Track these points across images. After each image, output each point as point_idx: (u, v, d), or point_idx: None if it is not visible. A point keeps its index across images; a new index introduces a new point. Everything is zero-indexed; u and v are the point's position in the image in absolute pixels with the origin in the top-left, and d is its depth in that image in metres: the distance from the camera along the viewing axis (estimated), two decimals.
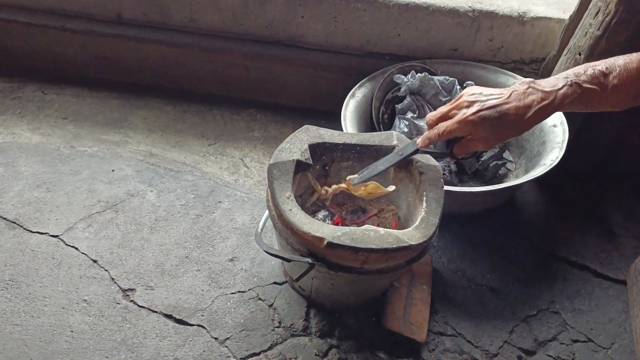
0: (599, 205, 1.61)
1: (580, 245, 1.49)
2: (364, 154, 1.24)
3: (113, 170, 1.57)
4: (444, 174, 1.57)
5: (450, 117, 0.96)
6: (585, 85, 0.86)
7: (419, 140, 1.07)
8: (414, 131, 1.57)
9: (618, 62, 0.87)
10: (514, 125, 0.90)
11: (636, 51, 0.88)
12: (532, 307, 1.34)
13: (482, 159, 1.60)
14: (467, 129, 0.92)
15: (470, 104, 0.92)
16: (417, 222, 1.08)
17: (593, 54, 1.41)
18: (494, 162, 1.59)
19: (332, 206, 1.28)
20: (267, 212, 1.18)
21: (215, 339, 1.20)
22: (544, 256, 1.46)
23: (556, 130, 1.48)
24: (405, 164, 1.20)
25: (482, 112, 0.90)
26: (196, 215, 1.47)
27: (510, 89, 0.92)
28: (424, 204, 1.12)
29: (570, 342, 1.28)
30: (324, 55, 1.79)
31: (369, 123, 1.63)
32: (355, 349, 1.21)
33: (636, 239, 1.51)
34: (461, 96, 0.96)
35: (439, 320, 1.30)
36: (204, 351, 1.17)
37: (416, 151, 1.10)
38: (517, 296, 1.36)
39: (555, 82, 0.89)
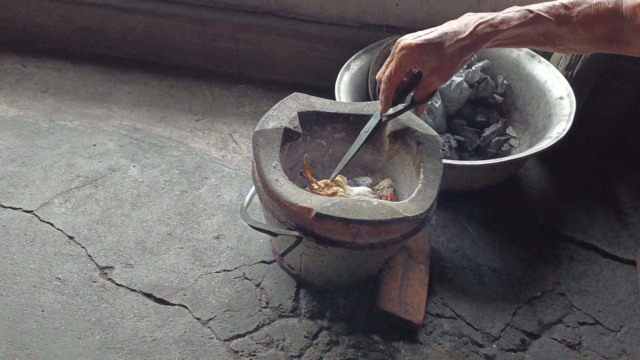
0: (607, 183, 1.53)
1: (587, 225, 1.41)
2: (358, 124, 1.16)
3: (94, 145, 1.49)
4: (443, 150, 1.49)
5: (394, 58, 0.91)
6: (538, 12, 0.82)
7: (379, 105, 1.00)
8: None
9: (589, 0, 0.81)
10: (455, 43, 0.85)
11: None
12: (537, 289, 1.27)
13: (484, 134, 1.52)
14: (412, 56, 0.87)
15: (409, 36, 0.88)
16: (414, 194, 1.00)
17: None
18: (497, 138, 1.51)
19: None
20: (254, 187, 1.10)
21: (198, 319, 1.12)
22: (549, 236, 1.38)
23: (563, 103, 1.40)
24: (402, 134, 1.12)
25: (421, 36, 0.86)
26: (181, 191, 1.39)
27: (450, 21, 0.89)
28: (421, 175, 1.04)
29: (577, 325, 1.21)
30: (318, 27, 1.70)
31: (364, 97, 1.54)
32: (347, 331, 1.13)
33: None
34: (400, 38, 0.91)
35: (437, 301, 1.22)
36: (185, 332, 1.09)
37: (380, 121, 1.03)
38: (521, 277, 1.29)
39: (505, 10, 0.86)
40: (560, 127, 1.33)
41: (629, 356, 1.16)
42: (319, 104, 1.15)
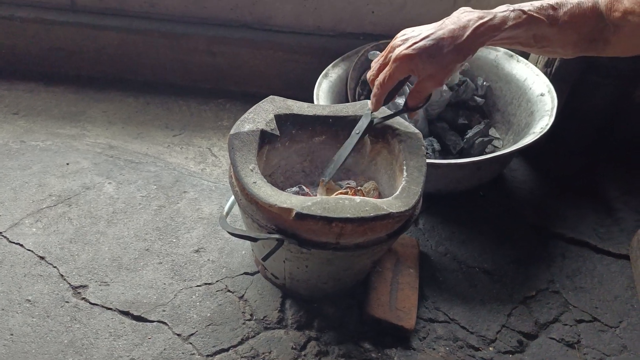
0: (594, 179, 1.51)
1: (577, 222, 1.38)
2: (338, 127, 1.13)
3: (67, 164, 1.43)
4: (427, 153, 1.46)
5: (387, 64, 0.88)
6: (530, 12, 0.80)
7: (370, 105, 0.97)
8: (392, 109, 1.46)
9: (571, 0, 0.81)
10: (453, 49, 0.82)
11: None
12: (531, 288, 1.23)
13: (467, 136, 1.50)
14: (406, 66, 0.84)
15: (404, 41, 0.85)
16: (398, 192, 0.96)
17: None
18: (480, 139, 1.49)
19: (305, 184, 1.15)
20: (233, 196, 1.06)
21: (178, 335, 1.06)
22: (540, 234, 1.35)
23: (544, 99, 1.39)
24: (382, 134, 1.09)
25: (417, 44, 0.82)
26: (158, 206, 1.33)
27: (444, 18, 0.85)
28: (405, 173, 1.00)
29: (574, 323, 1.16)
30: (295, 37, 1.69)
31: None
32: (336, 341, 1.08)
33: (636, 212, 1.41)
34: (394, 39, 0.88)
35: (429, 306, 1.17)
36: (164, 349, 1.03)
37: (372, 122, 1.01)
38: (514, 277, 1.25)
39: (497, 8, 0.83)
40: (543, 122, 1.31)
41: (630, 352, 1.12)
42: (297, 107, 1.12)
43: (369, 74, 0.95)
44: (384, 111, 1.07)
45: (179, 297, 1.13)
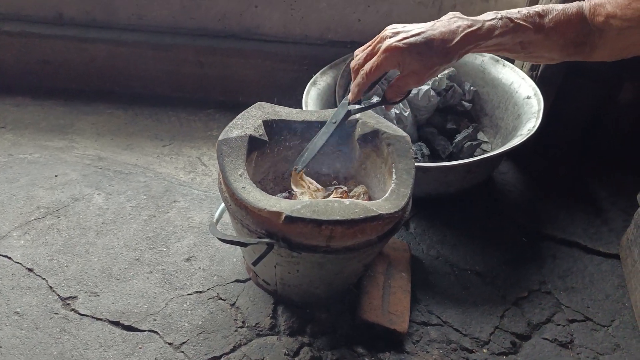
0: (582, 181, 1.52)
1: (567, 222, 1.39)
2: None
3: (56, 176, 1.42)
4: (415, 157, 1.47)
5: (375, 54, 0.88)
6: (517, 20, 0.82)
7: (349, 95, 0.97)
8: (380, 114, 1.47)
9: (556, 6, 0.83)
10: (441, 52, 0.84)
11: None
12: (522, 289, 1.23)
13: (456, 140, 1.51)
14: (394, 59, 0.85)
15: (395, 34, 0.86)
16: (388, 194, 0.97)
17: None
18: (469, 143, 1.50)
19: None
20: (223, 203, 1.06)
21: (170, 344, 1.04)
22: (530, 235, 1.36)
23: (530, 102, 1.40)
24: (372, 138, 1.10)
25: (408, 39, 0.84)
26: (148, 216, 1.33)
27: (435, 21, 0.87)
28: (394, 176, 1.01)
29: (567, 323, 1.16)
30: (283, 46, 1.70)
31: None
32: (329, 346, 1.07)
33: (624, 212, 1.41)
34: (384, 31, 0.89)
35: (421, 309, 1.17)
36: (156, 358, 1.01)
37: (349, 112, 1.01)
38: (505, 279, 1.25)
39: (484, 15, 0.85)
40: (530, 125, 1.32)
41: (622, 350, 1.12)
42: (285, 112, 1.12)
43: (353, 63, 0.95)
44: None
45: (170, 305, 1.12)
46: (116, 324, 1.08)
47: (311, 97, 1.48)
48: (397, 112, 1.48)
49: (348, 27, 1.67)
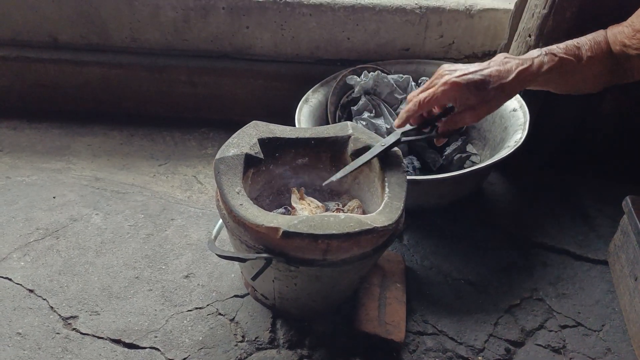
0: (569, 190, 1.56)
1: (556, 230, 1.43)
2: (320, 148, 1.17)
3: (54, 197, 1.44)
4: (407, 171, 1.50)
5: (432, 88, 0.93)
6: (560, 54, 0.88)
7: (396, 120, 1.02)
8: (372, 130, 1.51)
9: (585, 38, 0.90)
10: (498, 87, 0.89)
11: (583, 27, 0.94)
12: (515, 297, 1.26)
13: (445, 153, 1.55)
14: (452, 93, 0.90)
15: (452, 71, 0.92)
16: (381, 208, 1.00)
17: (542, 33, 1.38)
18: (458, 155, 1.53)
19: (291, 205, 1.18)
20: (221, 220, 1.08)
21: None
22: (520, 244, 1.39)
23: (517, 114, 1.44)
24: (364, 153, 1.13)
25: (466, 75, 0.89)
26: (147, 234, 1.35)
27: (488, 61, 0.93)
28: (387, 189, 1.04)
29: (559, 329, 1.19)
30: (274, 65, 1.73)
31: None
32: (328, 357, 1.09)
33: (610, 219, 1.45)
34: (440, 69, 0.95)
35: (417, 319, 1.20)
36: None
37: (399, 139, 1.06)
38: (498, 287, 1.28)
39: (530, 53, 0.91)
40: (517, 136, 1.36)
41: (614, 354, 1.15)
42: (279, 130, 1.15)
43: (412, 94, 1.00)
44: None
45: (170, 322, 1.14)
46: (117, 342, 1.09)
47: (304, 114, 1.51)
48: (388, 127, 1.52)
49: (337, 45, 1.71)
